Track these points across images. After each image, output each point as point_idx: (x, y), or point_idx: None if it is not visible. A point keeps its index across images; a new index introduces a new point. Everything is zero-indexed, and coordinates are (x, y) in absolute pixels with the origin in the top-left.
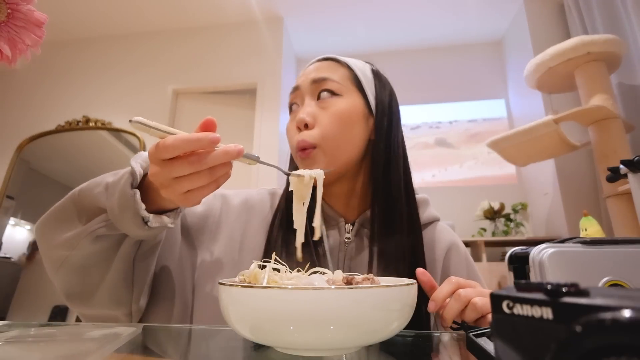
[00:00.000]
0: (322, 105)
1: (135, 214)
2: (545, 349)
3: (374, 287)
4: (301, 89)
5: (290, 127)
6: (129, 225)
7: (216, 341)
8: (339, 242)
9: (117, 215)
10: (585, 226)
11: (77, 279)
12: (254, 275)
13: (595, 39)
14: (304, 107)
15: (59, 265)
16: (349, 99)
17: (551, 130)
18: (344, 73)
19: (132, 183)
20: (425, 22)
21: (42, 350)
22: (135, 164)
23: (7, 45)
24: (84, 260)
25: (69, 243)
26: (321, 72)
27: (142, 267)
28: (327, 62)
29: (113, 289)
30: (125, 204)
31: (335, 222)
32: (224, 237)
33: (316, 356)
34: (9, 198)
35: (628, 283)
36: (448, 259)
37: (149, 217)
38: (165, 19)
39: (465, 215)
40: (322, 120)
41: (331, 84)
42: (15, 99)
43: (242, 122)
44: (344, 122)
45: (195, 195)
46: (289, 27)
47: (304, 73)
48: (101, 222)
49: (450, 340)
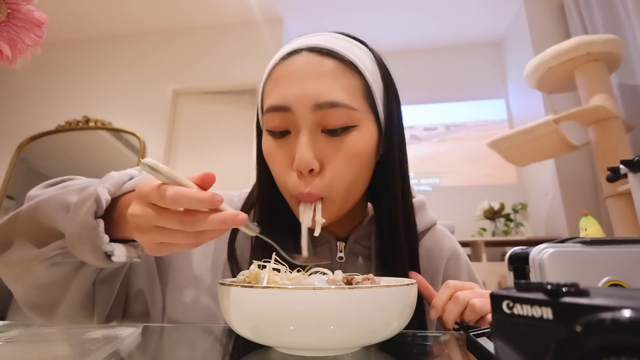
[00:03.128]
0: (333, 143)
1: (95, 248)
2: (545, 349)
3: (374, 287)
4: (294, 112)
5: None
6: (87, 257)
7: (216, 341)
8: (331, 263)
9: (75, 244)
10: (585, 226)
11: (34, 295)
12: (254, 275)
13: (595, 39)
14: (304, 144)
15: (14, 281)
16: (364, 129)
17: (551, 131)
18: (355, 87)
19: (97, 212)
20: (425, 22)
21: (42, 350)
22: (103, 189)
23: (7, 45)
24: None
25: (21, 266)
26: (327, 89)
27: (105, 291)
28: (328, 60)
29: (72, 311)
30: (86, 235)
31: (325, 240)
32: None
33: (316, 356)
34: (9, 198)
35: (628, 283)
36: (449, 268)
37: (112, 251)
38: (165, 19)
39: (465, 215)
40: (333, 164)
41: (345, 114)
42: (15, 99)
43: (242, 122)
44: (360, 162)
45: (169, 249)
46: (289, 27)
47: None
48: (57, 248)
49: (450, 340)
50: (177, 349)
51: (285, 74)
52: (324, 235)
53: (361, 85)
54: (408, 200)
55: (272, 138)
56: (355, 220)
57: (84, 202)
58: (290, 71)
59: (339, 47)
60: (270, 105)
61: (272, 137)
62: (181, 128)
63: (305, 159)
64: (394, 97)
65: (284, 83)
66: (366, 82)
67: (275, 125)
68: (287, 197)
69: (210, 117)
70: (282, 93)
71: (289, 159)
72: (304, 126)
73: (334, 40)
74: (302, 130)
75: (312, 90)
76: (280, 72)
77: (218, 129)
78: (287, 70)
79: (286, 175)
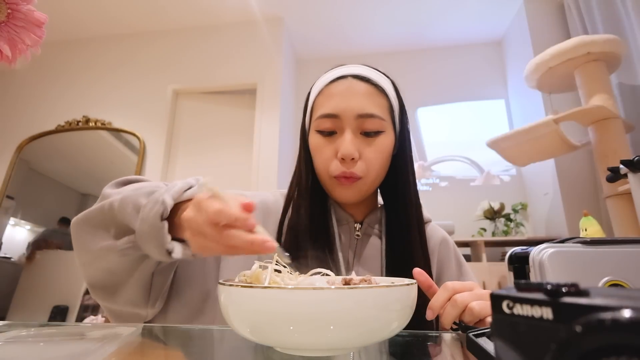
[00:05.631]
0: (368, 142)
1: (160, 245)
2: (545, 349)
3: (374, 287)
4: (342, 119)
5: (326, 152)
6: (153, 252)
7: (216, 341)
8: (349, 239)
9: (144, 240)
10: (585, 226)
11: (102, 277)
12: (255, 276)
13: (595, 39)
14: (350, 140)
15: (89, 265)
16: (388, 135)
17: (551, 130)
18: (383, 105)
19: (162, 214)
20: (425, 22)
21: (42, 350)
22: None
23: (7, 45)
24: (110, 265)
25: (98, 252)
26: (366, 105)
27: (160, 280)
28: (365, 85)
29: (132, 294)
30: (154, 234)
31: (345, 221)
32: None
33: (316, 356)
34: (9, 198)
35: (628, 283)
36: (439, 252)
37: (173, 248)
38: (165, 19)
39: (465, 215)
40: (367, 156)
41: (378, 123)
42: (15, 99)
43: (242, 122)
44: (385, 158)
45: (208, 251)
46: (289, 27)
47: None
48: (129, 242)
49: (450, 340)
50: (177, 349)
51: (336, 92)
52: (344, 217)
53: (387, 104)
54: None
55: (321, 136)
56: (369, 207)
57: (153, 205)
58: (339, 90)
59: (372, 76)
60: (323, 113)
61: (321, 136)
62: (181, 128)
63: (350, 149)
64: (404, 112)
65: (334, 98)
66: (390, 102)
67: (326, 127)
68: (326, 179)
69: (210, 117)
70: (334, 105)
71: (333, 152)
72: (349, 128)
73: (369, 71)
74: (346, 131)
75: (356, 104)
76: (332, 90)
77: (218, 129)
78: (337, 90)
79: (330, 162)
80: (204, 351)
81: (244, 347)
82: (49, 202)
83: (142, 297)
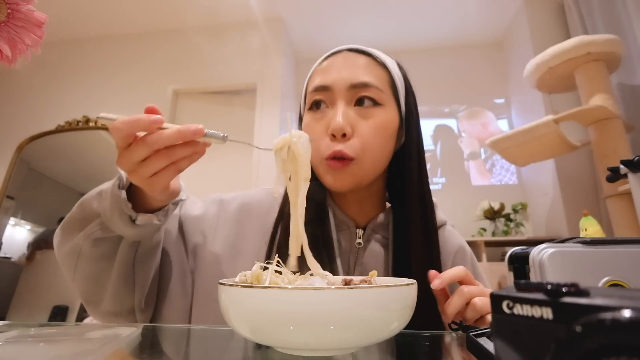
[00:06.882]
0: (363, 114)
1: (122, 213)
2: (545, 349)
3: (374, 287)
4: (333, 90)
5: (316, 129)
6: (118, 224)
7: (216, 341)
8: (349, 247)
9: (108, 216)
10: (585, 226)
11: (89, 286)
12: (256, 276)
13: (595, 39)
14: (340, 112)
15: (73, 273)
16: (389, 110)
17: (551, 130)
18: (383, 77)
19: (119, 185)
20: (425, 22)
21: (42, 350)
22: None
23: (7, 45)
24: (91, 266)
25: (73, 249)
26: (361, 75)
27: (142, 269)
28: (363, 57)
29: (116, 293)
30: (114, 203)
31: (346, 226)
32: (221, 242)
33: (316, 356)
34: (9, 198)
35: (628, 283)
36: (453, 264)
37: (135, 215)
38: (165, 19)
39: (465, 215)
40: (362, 132)
41: (375, 92)
42: (15, 99)
43: (242, 122)
44: (385, 136)
45: (159, 179)
46: (289, 27)
47: (334, 67)
48: (96, 225)
49: (450, 340)
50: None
51: (329, 65)
52: (345, 220)
53: (387, 77)
54: (426, 189)
55: (312, 113)
56: (374, 210)
57: (111, 183)
58: (332, 63)
59: (371, 50)
60: (314, 86)
61: (311, 113)
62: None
63: (340, 124)
64: (413, 97)
65: (327, 71)
66: (391, 76)
67: (315, 97)
68: (317, 164)
69: (210, 117)
70: (325, 77)
71: (324, 128)
72: (340, 100)
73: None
74: (338, 102)
75: (349, 75)
76: (325, 65)
77: (218, 129)
78: (330, 63)
79: (321, 141)
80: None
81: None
82: (49, 202)
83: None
